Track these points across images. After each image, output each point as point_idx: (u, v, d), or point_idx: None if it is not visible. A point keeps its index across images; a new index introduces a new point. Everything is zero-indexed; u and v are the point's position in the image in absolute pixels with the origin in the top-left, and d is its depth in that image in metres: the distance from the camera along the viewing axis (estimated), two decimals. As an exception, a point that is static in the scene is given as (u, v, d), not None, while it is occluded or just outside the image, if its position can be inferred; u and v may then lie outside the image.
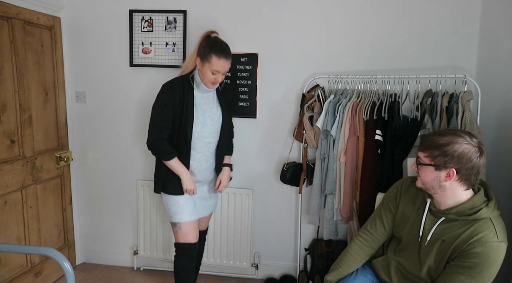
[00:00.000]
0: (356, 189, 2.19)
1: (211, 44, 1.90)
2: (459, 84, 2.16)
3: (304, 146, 2.43)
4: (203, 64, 1.91)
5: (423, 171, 1.46)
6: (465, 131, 1.45)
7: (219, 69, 1.90)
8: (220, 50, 1.89)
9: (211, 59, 1.87)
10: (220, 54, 1.88)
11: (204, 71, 1.91)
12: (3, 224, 2.21)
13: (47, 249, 1.50)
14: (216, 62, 1.88)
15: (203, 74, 1.93)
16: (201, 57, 1.91)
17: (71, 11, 2.65)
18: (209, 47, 1.89)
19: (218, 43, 1.93)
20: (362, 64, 2.43)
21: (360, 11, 2.41)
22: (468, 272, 1.36)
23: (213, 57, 1.87)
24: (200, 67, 1.93)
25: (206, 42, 1.91)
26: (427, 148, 1.44)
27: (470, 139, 1.38)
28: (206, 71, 1.91)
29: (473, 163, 1.37)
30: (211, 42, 1.91)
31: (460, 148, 1.37)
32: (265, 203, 2.68)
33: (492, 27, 2.19)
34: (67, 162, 2.71)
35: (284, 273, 2.70)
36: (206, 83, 1.95)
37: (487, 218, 1.39)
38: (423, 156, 1.45)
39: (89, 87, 2.73)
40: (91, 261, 2.93)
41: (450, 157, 1.37)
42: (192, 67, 1.99)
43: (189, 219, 2.03)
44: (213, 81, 1.93)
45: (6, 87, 2.19)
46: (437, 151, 1.40)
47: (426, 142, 1.46)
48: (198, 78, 1.96)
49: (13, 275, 2.30)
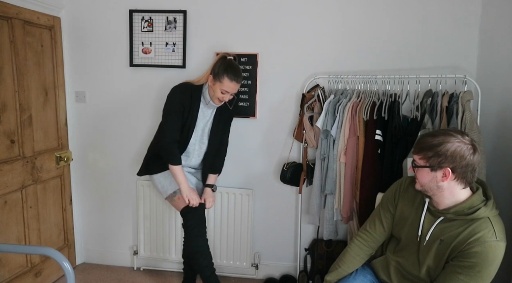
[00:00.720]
0: (356, 189, 2.19)
1: (226, 66, 2.03)
2: (459, 84, 2.16)
3: (304, 146, 2.43)
4: (214, 82, 2.05)
5: (420, 173, 1.47)
6: (457, 130, 1.46)
7: (228, 90, 2.04)
8: (234, 73, 2.03)
9: (223, 80, 2.02)
10: (232, 77, 2.02)
11: (215, 89, 2.05)
12: (3, 224, 2.21)
13: (47, 249, 1.50)
14: (227, 83, 2.02)
15: (213, 91, 2.07)
16: (214, 76, 2.05)
17: (71, 11, 2.65)
18: (223, 68, 2.02)
19: (232, 66, 2.05)
20: (362, 64, 2.43)
21: (360, 11, 2.41)
22: (467, 272, 1.36)
23: (225, 78, 2.01)
24: (211, 84, 2.07)
25: (222, 63, 2.05)
26: (421, 150, 1.45)
27: (462, 138, 1.39)
28: (216, 89, 2.05)
29: (467, 161, 1.37)
30: (226, 64, 2.04)
31: (452, 147, 1.38)
32: (265, 203, 2.68)
33: (492, 27, 2.19)
34: (67, 162, 2.71)
35: (284, 273, 2.70)
36: (213, 99, 2.09)
37: (485, 218, 1.39)
38: (418, 158, 1.47)
39: (89, 87, 2.73)
40: (91, 261, 2.93)
41: (444, 157, 1.38)
42: (205, 81, 2.13)
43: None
44: (221, 99, 2.08)
45: (6, 87, 2.19)
46: (430, 152, 1.41)
47: (419, 144, 1.47)
48: (207, 93, 2.10)
49: (13, 275, 2.30)
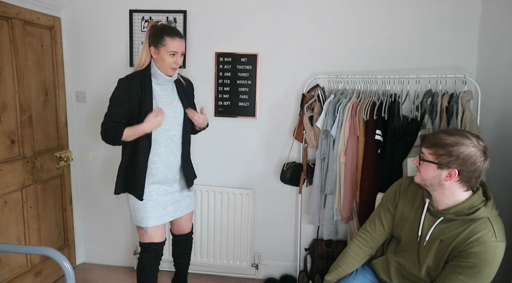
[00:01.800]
0: (356, 189, 2.19)
1: (161, 29, 1.89)
2: (459, 84, 2.16)
3: (304, 146, 2.43)
4: (158, 51, 1.88)
5: (424, 167, 1.45)
6: (473, 134, 1.42)
7: (175, 49, 1.88)
8: (172, 31, 1.89)
9: (166, 42, 1.86)
10: (173, 35, 1.88)
11: (162, 57, 1.88)
12: (3, 224, 2.21)
13: (47, 249, 1.50)
14: (171, 43, 1.87)
15: (162, 60, 1.89)
16: (155, 45, 1.89)
17: (71, 11, 2.65)
18: (159, 32, 1.88)
19: (167, 26, 1.93)
20: (362, 64, 2.43)
21: (360, 11, 2.41)
22: (467, 272, 1.36)
23: (167, 39, 1.86)
24: (156, 55, 1.90)
25: (155, 30, 1.90)
26: (433, 145, 1.42)
27: (477, 143, 1.37)
28: (164, 56, 1.88)
29: (477, 167, 1.36)
30: (160, 28, 1.90)
31: (466, 150, 1.35)
32: (265, 203, 2.68)
33: (492, 27, 2.19)
34: (67, 162, 2.71)
35: (284, 273, 2.70)
36: (167, 69, 1.91)
37: (485, 218, 1.39)
38: (428, 152, 1.44)
39: (89, 87, 2.73)
40: (91, 261, 2.93)
41: (455, 158, 1.36)
42: (147, 61, 1.94)
43: (156, 223, 1.97)
44: (173, 65, 1.90)
45: (6, 87, 2.19)
46: (443, 149, 1.39)
47: (433, 139, 1.44)
48: (157, 69, 1.92)
49: (13, 275, 2.30)
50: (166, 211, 2.03)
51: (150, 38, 1.90)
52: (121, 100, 1.88)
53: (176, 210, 2.08)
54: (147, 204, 1.96)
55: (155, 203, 1.98)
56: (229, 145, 2.62)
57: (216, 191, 2.61)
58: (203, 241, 2.67)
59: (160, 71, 1.91)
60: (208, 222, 2.66)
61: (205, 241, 2.67)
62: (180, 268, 2.37)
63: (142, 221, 1.96)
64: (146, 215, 1.96)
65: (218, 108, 2.61)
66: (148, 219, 1.95)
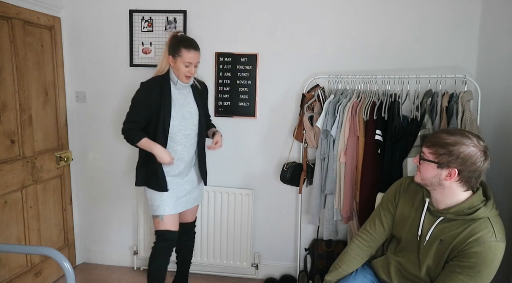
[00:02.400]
0: (356, 189, 2.19)
1: (179, 40, 2.04)
2: (459, 84, 2.16)
3: (304, 146, 2.43)
4: (175, 60, 2.03)
5: (424, 167, 1.45)
6: (474, 134, 1.42)
7: (190, 60, 2.02)
8: (189, 43, 2.03)
9: (182, 53, 2.01)
10: (189, 47, 2.02)
11: (178, 66, 2.03)
12: (3, 224, 2.21)
13: (47, 249, 1.50)
14: (186, 54, 2.01)
15: (178, 69, 2.04)
16: (172, 54, 2.04)
17: (71, 11, 2.65)
18: (177, 43, 2.03)
19: (185, 38, 2.08)
20: (362, 64, 2.43)
21: (360, 11, 2.41)
22: (467, 272, 1.36)
23: (183, 50, 2.01)
24: (173, 64, 2.05)
25: (174, 40, 2.05)
26: (434, 144, 1.42)
27: (478, 143, 1.37)
28: (179, 66, 2.03)
29: (477, 166, 1.36)
30: (179, 39, 2.06)
31: (466, 150, 1.35)
32: (265, 203, 2.68)
33: (492, 27, 2.19)
34: (67, 162, 2.71)
35: (284, 273, 2.70)
36: (181, 78, 2.06)
37: (485, 218, 1.39)
38: (428, 152, 1.44)
39: (89, 87, 2.73)
40: (91, 261, 2.93)
41: (455, 157, 1.36)
42: (167, 67, 2.10)
43: (172, 212, 2.12)
44: (187, 74, 2.05)
45: (6, 87, 2.19)
46: (443, 149, 1.39)
47: (433, 138, 1.44)
48: (174, 76, 2.07)
49: (13, 275, 2.30)
50: (180, 201, 2.17)
51: (170, 47, 2.05)
52: (141, 102, 2.04)
53: (188, 201, 2.22)
54: (164, 194, 2.11)
55: (170, 193, 2.12)
56: (229, 145, 2.62)
57: (216, 191, 2.61)
58: (203, 241, 2.67)
59: (176, 78, 2.07)
60: (208, 222, 2.66)
61: (205, 241, 2.68)
62: (182, 264, 2.40)
63: (159, 209, 2.11)
64: (163, 203, 2.10)
65: (218, 108, 2.61)
66: (164, 207, 2.10)
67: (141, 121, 2.06)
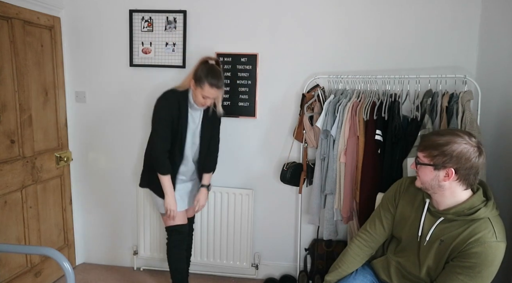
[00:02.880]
0: (356, 189, 2.19)
1: (207, 71, 2.01)
2: (459, 84, 2.16)
3: (304, 146, 2.43)
4: (196, 88, 2.04)
5: (422, 171, 1.46)
6: (464, 131, 1.44)
7: (209, 96, 2.03)
8: (214, 79, 2.00)
9: (204, 86, 2.00)
10: (213, 84, 2.00)
11: (196, 93, 2.05)
12: (3, 224, 2.21)
13: (47, 249, 1.50)
14: (208, 89, 2.00)
15: (195, 96, 2.06)
16: (195, 81, 2.03)
17: (71, 11, 2.65)
18: (204, 74, 2.00)
19: (213, 71, 2.02)
20: (362, 64, 2.43)
21: (360, 11, 2.41)
22: (467, 272, 1.36)
23: (206, 84, 1.99)
24: (193, 88, 2.06)
25: (203, 68, 2.03)
26: (426, 147, 1.44)
27: (469, 139, 1.38)
28: (197, 94, 2.04)
29: (472, 163, 1.37)
30: (207, 69, 2.02)
31: (458, 148, 1.37)
32: (265, 203, 2.68)
33: (492, 27, 2.19)
34: (67, 162, 2.71)
35: (284, 273, 2.70)
36: (197, 103, 2.09)
37: (485, 218, 1.39)
38: (422, 155, 1.46)
39: (89, 87, 2.73)
40: (91, 261, 2.93)
41: (449, 157, 1.37)
42: (188, 86, 2.10)
43: (178, 209, 2.19)
44: (202, 103, 2.07)
45: (6, 87, 2.19)
46: (436, 150, 1.40)
47: (425, 141, 1.46)
48: (191, 97, 2.10)
49: (13, 275, 2.30)
50: (183, 199, 2.26)
51: (196, 72, 2.04)
52: (166, 121, 2.06)
53: (190, 199, 2.32)
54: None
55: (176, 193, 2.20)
56: (229, 145, 2.62)
57: (216, 191, 2.61)
58: (203, 241, 2.67)
59: (193, 101, 2.10)
60: (208, 222, 2.66)
61: (205, 241, 2.68)
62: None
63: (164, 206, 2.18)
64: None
65: (218, 108, 2.61)
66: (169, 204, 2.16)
67: (169, 139, 2.09)
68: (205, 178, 2.32)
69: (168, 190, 2.12)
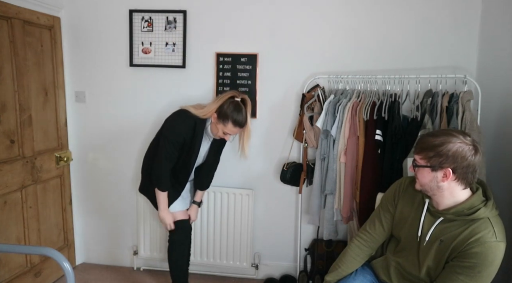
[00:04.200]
0: (356, 189, 2.19)
1: (232, 109, 2.01)
2: (459, 84, 2.15)
3: (304, 146, 2.43)
4: (218, 123, 2.04)
5: (420, 173, 1.46)
6: (459, 131, 1.45)
7: (230, 133, 2.06)
8: (239, 119, 2.02)
9: (227, 124, 2.02)
10: (237, 123, 2.02)
11: (217, 127, 2.06)
12: (3, 224, 2.21)
13: (47, 249, 1.50)
14: (231, 128, 2.02)
15: (215, 128, 2.07)
16: (219, 116, 2.03)
17: (71, 11, 2.65)
18: (230, 112, 2.00)
19: (238, 110, 2.02)
20: (362, 64, 2.43)
21: (360, 11, 2.41)
22: (467, 272, 1.36)
23: (230, 123, 2.01)
24: (215, 122, 2.06)
25: (229, 105, 2.02)
26: (422, 149, 1.44)
27: (464, 138, 1.39)
28: (218, 129, 2.05)
29: (469, 161, 1.37)
30: (233, 107, 2.02)
31: (454, 147, 1.37)
32: (265, 203, 2.68)
33: (492, 27, 2.19)
34: (67, 162, 2.71)
35: (284, 273, 2.70)
36: (214, 135, 2.13)
37: (485, 218, 1.39)
38: (419, 158, 1.46)
39: (89, 87, 2.73)
40: (91, 261, 2.93)
41: (445, 157, 1.38)
42: (209, 117, 2.09)
43: (178, 209, 2.24)
44: (222, 137, 2.09)
45: (6, 87, 2.19)
46: (432, 151, 1.40)
47: (420, 143, 1.47)
48: (209, 129, 2.12)
49: (13, 275, 2.30)
50: (183, 198, 2.30)
51: (222, 107, 2.03)
52: (178, 142, 2.06)
53: (189, 198, 2.37)
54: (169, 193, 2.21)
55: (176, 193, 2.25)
56: (229, 145, 2.62)
57: (216, 191, 2.61)
58: (203, 241, 2.67)
59: (210, 132, 2.13)
60: (208, 222, 2.65)
61: (205, 241, 2.67)
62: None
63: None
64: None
65: (218, 108, 2.61)
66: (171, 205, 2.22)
67: (173, 163, 2.12)
68: (198, 194, 2.37)
69: (162, 205, 2.15)
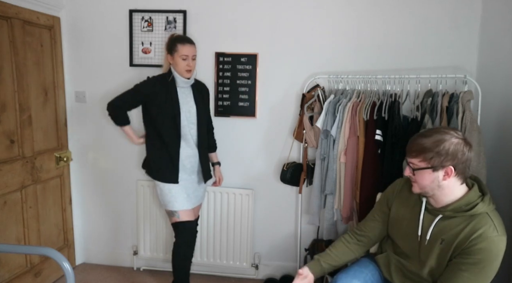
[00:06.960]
0: (356, 189, 2.19)
1: (174, 38, 2.19)
2: (459, 84, 2.15)
3: (304, 146, 2.43)
4: (173, 57, 2.15)
5: (419, 176, 1.44)
6: (448, 127, 1.47)
7: (186, 53, 2.13)
8: (182, 38, 2.19)
9: (177, 48, 2.13)
10: (183, 41, 2.15)
11: (176, 61, 2.14)
12: (2, 224, 2.21)
13: (47, 249, 1.50)
14: (182, 48, 2.13)
15: (177, 65, 2.15)
16: (170, 52, 2.16)
17: (71, 11, 2.65)
18: (173, 41, 2.17)
19: (179, 36, 2.23)
20: (362, 64, 2.43)
21: (360, 11, 2.41)
22: (472, 269, 1.35)
23: (178, 45, 2.14)
24: (172, 61, 2.17)
25: (170, 40, 2.20)
26: (419, 152, 1.42)
27: (456, 133, 1.40)
28: (178, 61, 2.14)
29: (466, 156, 1.39)
30: (174, 37, 2.20)
31: (451, 145, 1.38)
32: (265, 203, 2.68)
33: (492, 27, 2.19)
34: (67, 162, 2.71)
35: (284, 273, 2.70)
36: (182, 72, 2.16)
37: (484, 213, 1.39)
38: (417, 161, 1.43)
39: (89, 87, 2.73)
40: (91, 261, 2.93)
41: (445, 155, 1.38)
42: (168, 66, 2.21)
43: (183, 207, 2.20)
44: (187, 68, 2.15)
45: (5, 87, 2.19)
46: (430, 152, 1.39)
47: (415, 147, 1.44)
48: (176, 73, 2.17)
49: (13, 275, 2.30)
50: (190, 198, 2.26)
51: (167, 47, 2.19)
52: (141, 92, 2.18)
53: (196, 198, 2.32)
54: (173, 189, 2.19)
55: (181, 189, 2.21)
56: (229, 145, 2.62)
57: (216, 191, 2.61)
58: (203, 241, 2.67)
59: (178, 75, 2.17)
60: (208, 222, 2.65)
61: (205, 241, 2.67)
62: None
63: (170, 204, 2.20)
64: (172, 199, 2.19)
65: (218, 108, 2.61)
66: (174, 202, 2.19)
67: (130, 106, 2.24)
68: (213, 157, 2.46)
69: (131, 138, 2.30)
